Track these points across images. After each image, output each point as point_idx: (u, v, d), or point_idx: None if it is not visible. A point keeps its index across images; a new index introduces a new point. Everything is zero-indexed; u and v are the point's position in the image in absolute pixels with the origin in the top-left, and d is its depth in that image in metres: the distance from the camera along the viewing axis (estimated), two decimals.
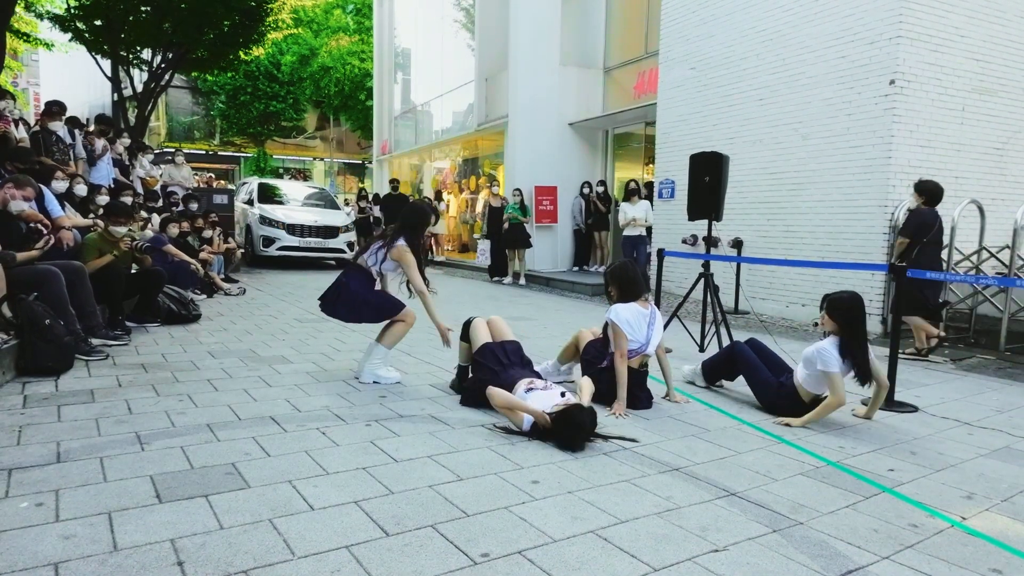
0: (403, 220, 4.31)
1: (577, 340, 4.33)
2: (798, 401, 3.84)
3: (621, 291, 4.05)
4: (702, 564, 2.11)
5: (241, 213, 13.45)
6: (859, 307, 3.74)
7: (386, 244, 4.22)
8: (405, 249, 4.17)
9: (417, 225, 4.30)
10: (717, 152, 6.01)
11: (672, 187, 9.62)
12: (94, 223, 6.11)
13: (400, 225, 4.30)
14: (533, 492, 2.62)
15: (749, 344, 4.28)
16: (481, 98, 14.48)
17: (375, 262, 4.25)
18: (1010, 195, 7.61)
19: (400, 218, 4.35)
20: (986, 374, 5.41)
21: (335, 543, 2.13)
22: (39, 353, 4.03)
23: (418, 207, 4.51)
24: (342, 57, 27.64)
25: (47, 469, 2.61)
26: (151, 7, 13.62)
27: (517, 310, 8.36)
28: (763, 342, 4.35)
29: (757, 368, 4.10)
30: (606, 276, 4.26)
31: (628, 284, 4.03)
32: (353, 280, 4.27)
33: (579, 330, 4.42)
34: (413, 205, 4.53)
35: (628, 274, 4.07)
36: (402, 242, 4.19)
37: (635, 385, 3.91)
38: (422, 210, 4.44)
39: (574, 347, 4.34)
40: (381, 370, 4.29)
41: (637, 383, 3.94)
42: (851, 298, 3.79)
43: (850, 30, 7.16)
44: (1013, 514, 2.62)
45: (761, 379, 4.05)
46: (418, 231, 4.31)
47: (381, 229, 4.46)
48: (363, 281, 4.28)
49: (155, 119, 26.41)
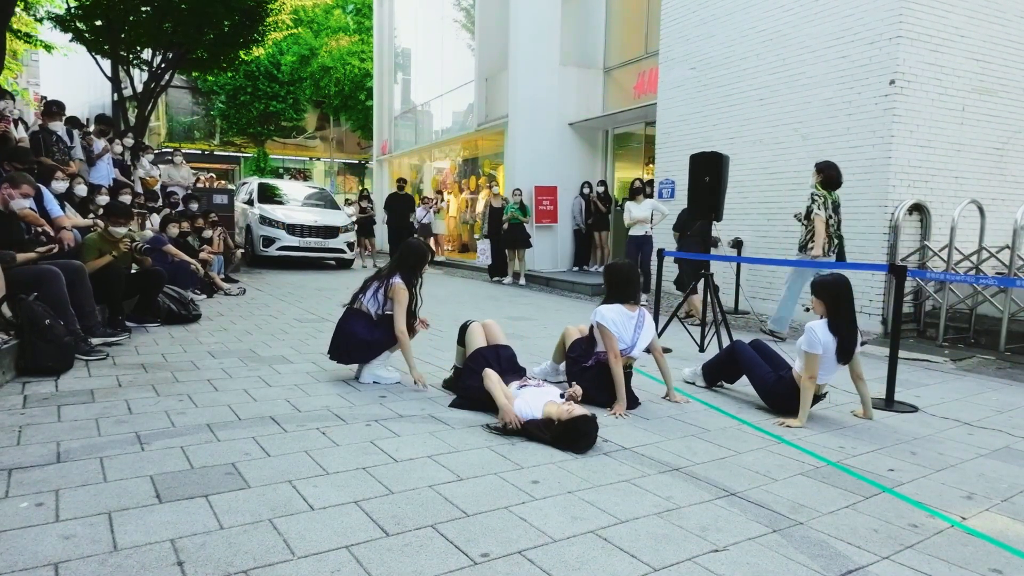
0: (401, 259, 4.31)
1: (564, 338, 4.32)
2: (797, 394, 3.83)
3: (611, 290, 4.05)
4: (702, 564, 2.11)
5: (241, 213, 13.45)
6: (844, 285, 3.81)
7: (383, 283, 4.21)
8: (402, 287, 4.16)
9: (415, 265, 4.30)
10: (717, 152, 6.01)
11: (672, 187, 9.62)
12: (94, 223, 6.11)
13: (398, 263, 4.30)
14: (533, 492, 2.62)
15: (752, 345, 4.28)
16: (481, 98, 14.48)
17: (377, 306, 4.22)
18: (1010, 195, 7.61)
19: (398, 257, 4.34)
20: (986, 374, 5.41)
21: (335, 543, 2.13)
22: (39, 353, 4.03)
23: (416, 246, 4.45)
24: (342, 57, 27.64)
25: (47, 469, 2.61)
26: (151, 7, 13.62)
27: (517, 310, 8.36)
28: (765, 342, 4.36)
29: (757, 364, 4.11)
30: (604, 272, 4.26)
31: (620, 285, 4.02)
32: (358, 327, 4.23)
33: (566, 327, 4.39)
34: (411, 245, 4.44)
35: (623, 275, 4.06)
36: (399, 280, 4.18)
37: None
38: (420, 249, 4.42)
39: (563, 345, 4.33)
40: (380, 370, 4.31)
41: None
42: (835, 278, 3.87)
43: (850, 30, 7.16)
44: (1013, 514, 2.62)
45: (760, 374, 4.07)
46: (416, 271, 4.30)
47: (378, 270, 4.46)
48: (367, 325, 4.24)
49: (155, 119, 26.40)
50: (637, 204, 9.26)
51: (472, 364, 3.86)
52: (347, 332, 4.24)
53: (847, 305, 3.78)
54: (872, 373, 5.08)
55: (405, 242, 4.52)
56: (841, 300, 3.77)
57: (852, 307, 3.81)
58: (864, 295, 7.07)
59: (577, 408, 3.26)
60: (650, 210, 9.19)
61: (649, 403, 4.06)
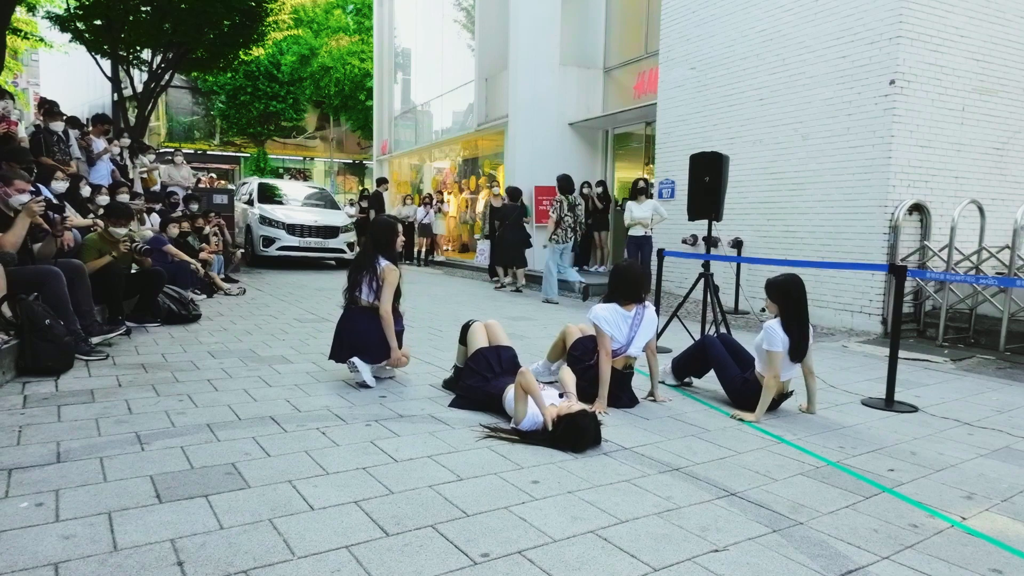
0: (375, 242, 4.29)
1: (564, 336, 4.29)
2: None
3: (610, 289, 4.05)
4: (702, 564, 2.11)
5: (241, 213, 13.45)
6: (794, 285, 3.85)
7: (372, 271, 4.19)
8: (391, 268, 4.18)
9: (389, 241, 4.29)
10: (717, 152, 6.01)
11: (672, 187, 9.62)
12: (94, 223, 6.11)
13: (373, 246, 4.29)
14: (533, 492, 2.62)
15: (721, 339, 4.31)
16: (481, 98, 14.48)
17: (375, 297, 4.20)
18: (1010, 195, 7.61)
19: (371, 240, 4.33)
20: (986, 374, 5.41)
21: (335, 543, 2.13)
22: (39, 353, 4.03)
23: (383, 223, 4.44)
24: (342, 57, 27.64)
25: (47, 469, 2.61)
26: (151, 7, 13.61)
27: (517, 310, 8.36)
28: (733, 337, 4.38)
29: (727, 363, 4.15)
30: (612, 271, 4.26)
31: (620, 285, 4.00)
32: (369, 323, 4.18)
33: (566, 326, 4.37)
34: (378, 223, 4.44)
35: (625, 276, 4.03)
36: (384, 263, 4.19)
37: (617, 386, 3.90)
38: (388, 224, 4.41)
39: (562, 344, 4.30)
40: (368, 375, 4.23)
41: (619, 384, 3.93)
42: (786, 278, 3.90)
43: (850, 30, 7.15)
44: (1013, 514, 2.62)
45: (729, 375, 4.11)
46: (392, 246, 4.30)
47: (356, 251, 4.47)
48: (372, 318, 4.18)
49: (155, 119, 26.40)
50: (638, 204, 9.24)
51: (473, 364, 3.86)
52: (358, 331, 4.18)
53: (797, 305, 3.83)
54: (872, 373, 5.10)
55: (372, 222, 4.53)
56: (791, 300, 3.82)
57: (803, 307, 3.86)
58: (864, 295, 7.08)
59: (576, 404, 3.26)
60: (651, 211, 9.17)
61: (649, 403, 4.07)
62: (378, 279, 4.17)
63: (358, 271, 4.27)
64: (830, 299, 7.41)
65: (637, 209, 9.20)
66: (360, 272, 4.26)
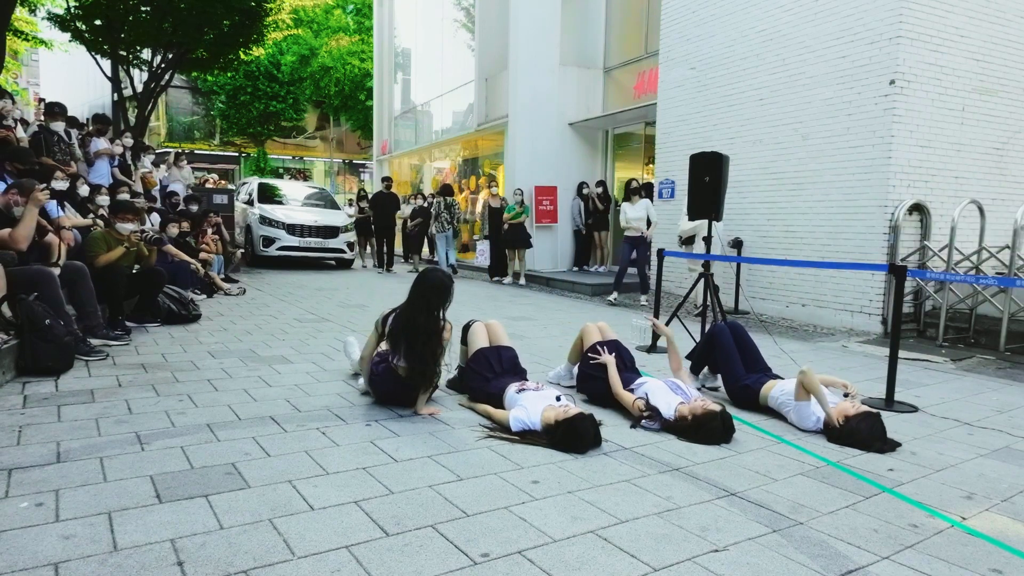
0: (426, 302, 3.55)
1: (582, 335, 4.22)
2: (756, 405, 3.96)
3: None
4: (702, 564, 2.11)
5: (241, 213, 13.45)
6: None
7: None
8: (448, 328, 3.59)
9: (443, 300, 3.59)
10: (717, 152, 6.01)
11: (672, 187, 9.62)
12: (94, 223, 6.11)
13: (427, 305, 3.54)
14: (533, 492, 2.62)
15: (732, 330, 4.25)
16: (481, 98, 14.48)
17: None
18: (1010, 195, 7.62)
19: (424, 300, 3.55)
20: (986, 374, 5.41)
21: (335, 543, 2.13)
22: (39, 353, 4.03)
23: (434, 283, 3.61)
24: (342, 57, 27.64)
25: (47, 469, 2.61)
26: (151, 7, 13.62)
27: (517, 310, 8.36)
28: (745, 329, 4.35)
29: (730, 358, 4.15)
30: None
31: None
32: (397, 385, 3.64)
33: (585, 324, 4.28)
34: (430, 282, 3.59)
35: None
36: (445, 322, 3.59)
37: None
38: (442, 284, 3.62)
39: (580, 343, 4.24)
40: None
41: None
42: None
43: (850, 30, 7.15)
44: (1013, 514, 2.62)
45: (732, 370, 4.12)
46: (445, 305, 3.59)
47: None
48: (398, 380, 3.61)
49: (155, 119, 26.41)
50: (632, 205, 9.25)
51: (475, 365, 3.85)
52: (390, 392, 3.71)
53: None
54: (872, 373, 5.10)
55: (421, 276, 3.66)
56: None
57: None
58: (864, 295, 7.08)
59: (573, 408, 3.25)
60: (644, 210, 9.19)
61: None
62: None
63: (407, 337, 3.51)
64: (830, 299, 7.41)
65: (631, 210, 9.20)
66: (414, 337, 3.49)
